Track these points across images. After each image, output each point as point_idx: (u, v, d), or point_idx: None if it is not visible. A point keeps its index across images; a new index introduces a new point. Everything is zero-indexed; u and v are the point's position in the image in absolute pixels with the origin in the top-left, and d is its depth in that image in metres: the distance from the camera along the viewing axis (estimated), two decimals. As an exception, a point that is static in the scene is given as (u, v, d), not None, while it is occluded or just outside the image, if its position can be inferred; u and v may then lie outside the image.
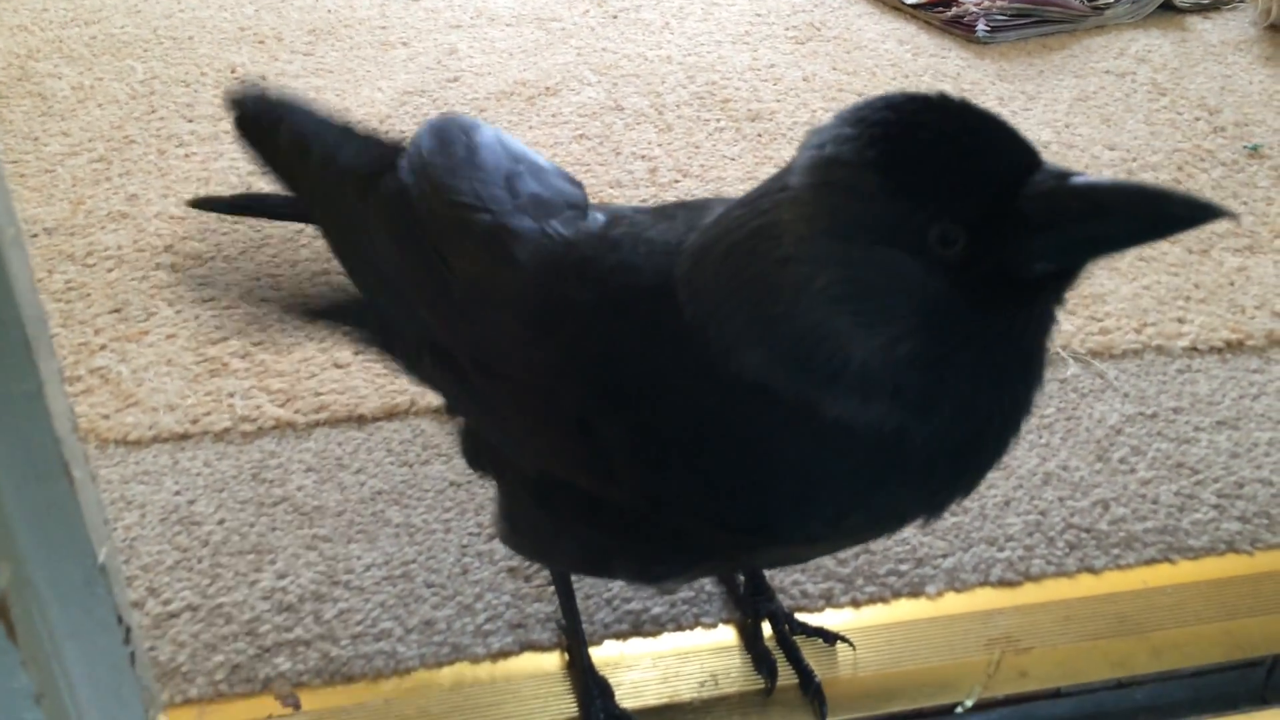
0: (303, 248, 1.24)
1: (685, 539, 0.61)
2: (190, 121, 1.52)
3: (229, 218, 1.29)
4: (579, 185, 0.72)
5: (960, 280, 0.51)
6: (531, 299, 0.64)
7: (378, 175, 0.72)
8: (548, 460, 0.66)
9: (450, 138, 0.72)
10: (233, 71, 1.66)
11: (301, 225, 1.28)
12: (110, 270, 1.20)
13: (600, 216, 0.67)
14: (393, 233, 0.71)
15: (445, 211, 0.68)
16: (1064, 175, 0.51)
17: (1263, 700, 0.82)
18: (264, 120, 0.80)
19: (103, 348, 1.09)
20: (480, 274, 0.66)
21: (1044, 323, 0.55)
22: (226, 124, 1.50)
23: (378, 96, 1.58)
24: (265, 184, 0.87)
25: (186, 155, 1.43)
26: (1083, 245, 0.52)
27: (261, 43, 1.76)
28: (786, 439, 0.54)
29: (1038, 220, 0.50)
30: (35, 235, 1.26)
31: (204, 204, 0.93)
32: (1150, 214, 0.50)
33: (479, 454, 0.74)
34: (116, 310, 1.14)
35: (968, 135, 0.51)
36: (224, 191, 1.35)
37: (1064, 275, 0.53)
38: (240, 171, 1.39)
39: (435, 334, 0.70)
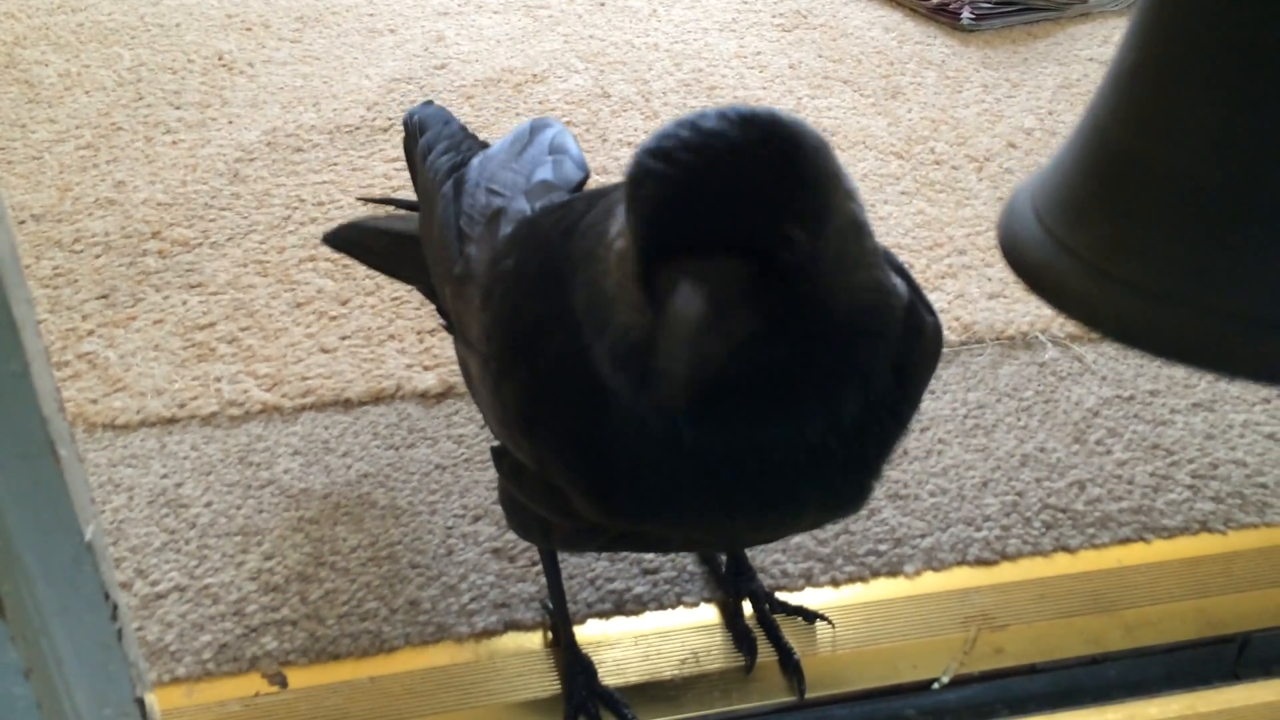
0: (289, 234, 1.25)
1: (569, 515, 0.63)
2: (177, 109, 1.52)
3: (215, 204, 1.30)
4: (587, 173, 0.77)
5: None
6: (488, 269, 0.68)
7: (460, 167, 0.82)
8: (492, 426, 0.70)
9: (519, 135, 0.83)
10: (219, 59, 1.66)
11: (289, 213, 1.30)
12: (98, 256, 1.21)
13: (573, 198, 0.71)
14: (436, 214, 0.80)
15: (483, 199, 0.76)
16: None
17: (1234, 676, 0.84)
18: (411, 130, 0.93)
19: (90, 333, 1.10)
20: (480, 250, 0.71)
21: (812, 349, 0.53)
22: (214, 111, 1.51)
23: (365, 84, 1.59)
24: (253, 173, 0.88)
25: (174, 142, 1.43)
26: None
27: (249, 30, 1.76)
28: (619, 420, 0.55)
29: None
30: (23, 222, 1.26)
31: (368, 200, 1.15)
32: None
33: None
34: (104, 296, 1.15)
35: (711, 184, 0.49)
36: (211, 179, 1.35)
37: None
38: (228, 159, 1.39)
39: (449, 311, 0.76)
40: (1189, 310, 0.44)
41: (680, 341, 0.46)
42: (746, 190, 0.48)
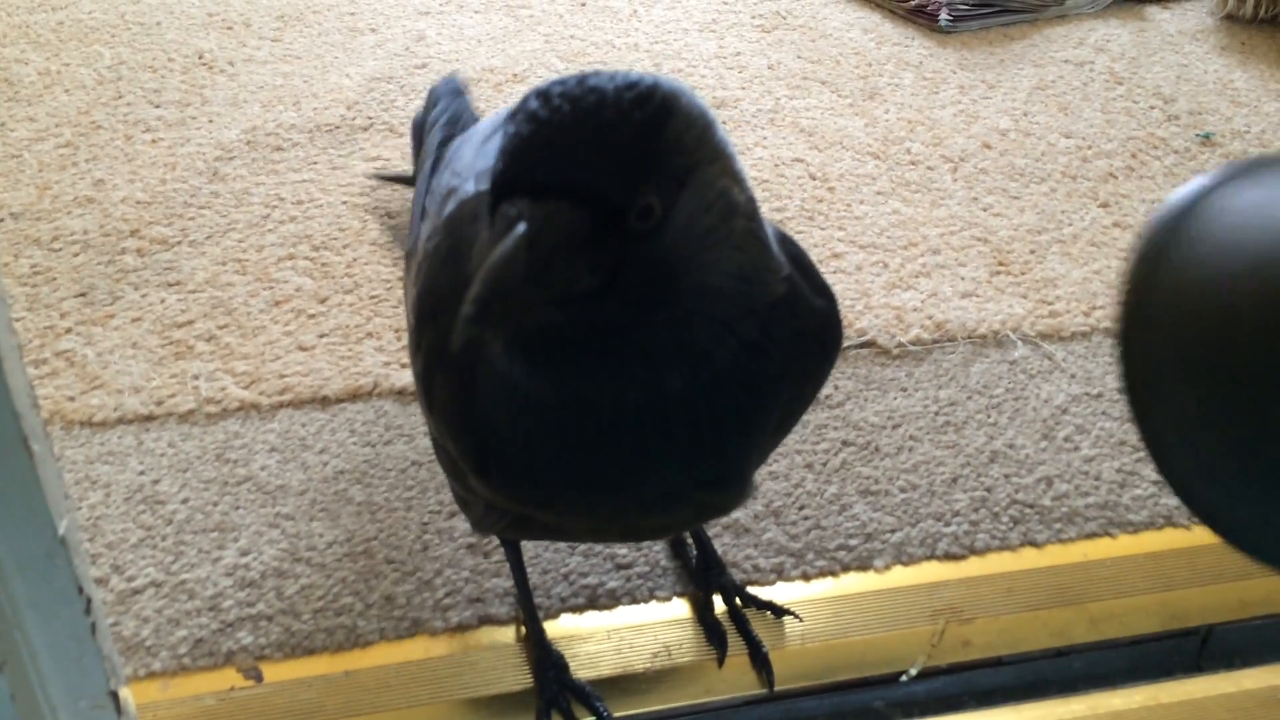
0: (268, 233, 1.25)
1: (470, 490, 0.64)
2: (157, 107, 1.52)
3: (195, 203, 1.30)
4: None
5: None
6: (422, 248, 0.71)
7: (448, 143, 0.85)
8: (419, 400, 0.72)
9: (496, 121, 0.82)
10: (200, 58, 1.66)
11: (268, 212, 1.30)
12: (76, 255, 1.21)
13: None
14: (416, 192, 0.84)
15: (446, 179, 0.77)
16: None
17: (1197, 668, 0.85)
18: (430, 103, 0.96)
19: (68, 331, 1.10)
20: (424, 228, 0.74)
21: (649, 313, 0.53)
22: (194, 109, 1.51)
23: (346, 83, 1.59)
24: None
25: (154, 141, 1.44)
26: None
27: (229, 28, 1.77)
28: (484, 385, 0.57)
29: None
30: (1, 220, 1.26)
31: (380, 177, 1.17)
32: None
33: None
34: (82, 294, 1.15)
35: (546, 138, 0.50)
36: (191, 177, 1.35)
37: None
38: (207, 158, 1.39)
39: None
40: None
41: (483, 271, 0.46)
42: (605, 144, 0.49)
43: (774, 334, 0.56)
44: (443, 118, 0.92)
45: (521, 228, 0.47)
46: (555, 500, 0.58)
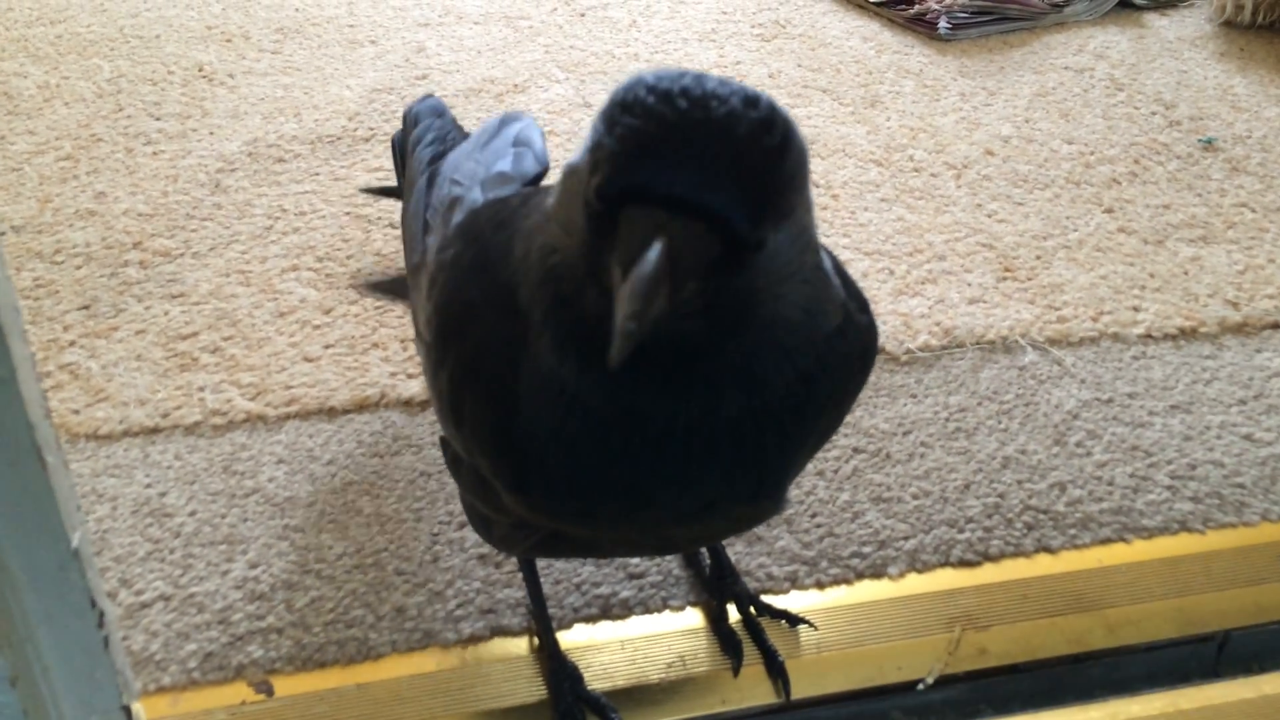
0: (271, 244, 1.25)
1: (500, 509, 0.63)
2: (158, 120, 1.52)
3: (197, 215, 1.30)
4: (546, 167, 0.78)
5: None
6: (436, 257, 0.69)
7: (439, 159, 0.84)
8: (439, 417, 0.70)
9: (488, 127, 0.84)
10: (200, 70, 1.66)
11: (270, 223, 1.30)
12: (79, 267, 1.21)
13: (525, 190, 0.73)
14: (410, 205, 0.82)
15: (448, 189, 0.77)
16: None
17: (1215, 674, 0.85)
18: (407, 123, 0.95)
19: (72, 344, 1.09)
20: (432, 239, 0.73)
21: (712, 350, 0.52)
22: (194, 122, 1.51)
23: (346, 94, 1.59)
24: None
25: (154, 153, 1.43)
26: None
27: (229, 41, 1.76)
28: (534, 386, 0.55)
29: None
30: (3, 234, 1.26)
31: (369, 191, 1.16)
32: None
33: None
34: (85, 307, 1.15)
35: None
36: (193, 189, 1.35)
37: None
38: (209, 170, 1.39)
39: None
40: None
41: (636, 284, 0.44)
42: (741, 170, 0.46)
43: (827, 364, 0.57)
44: (428, 135, 0.91)
45: (658, 247, 0.45)
46: (594, 511, 0.58)
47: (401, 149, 1.00)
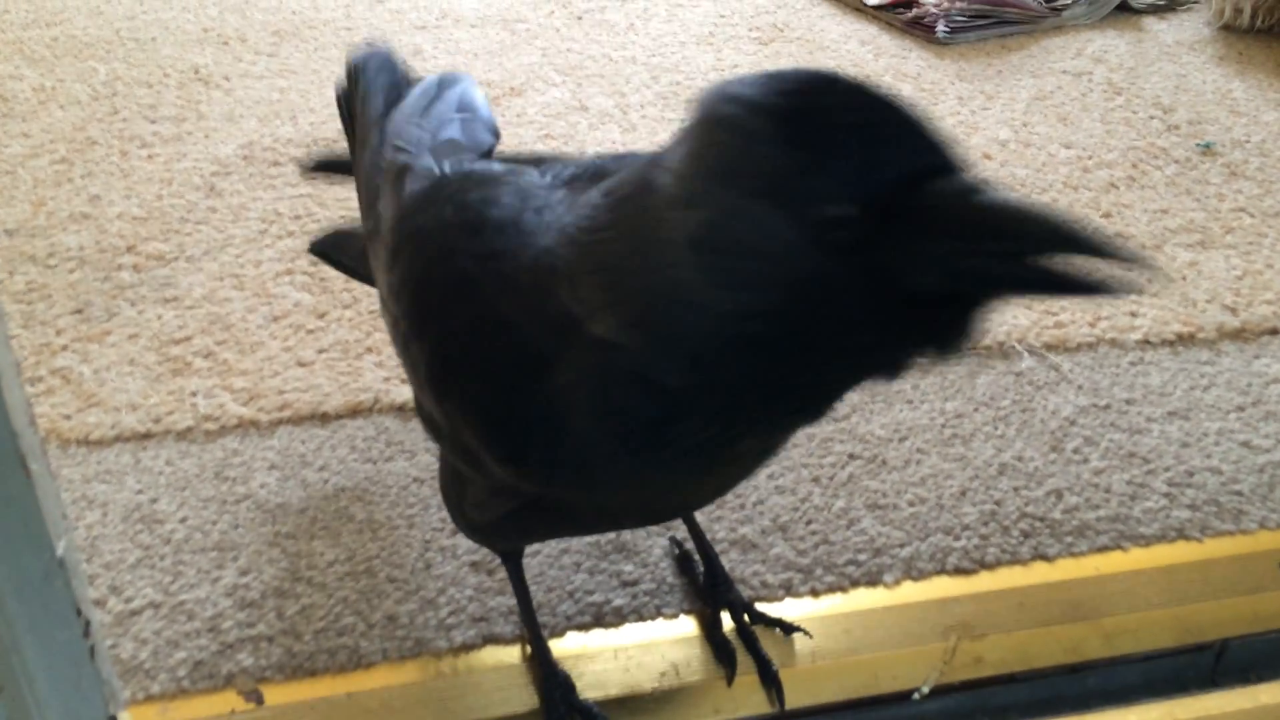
0: (266, 248, 1.24)
1: (482, 473, 0.63)
2: (153, 123, 1.51)
3: (191, 218, 1.29)
4: (498, 136, 0.77)
5: (840, 267, 0.45)
6: (396, 227, 0.68)
7: (385, 118, 0.80)
8: (413, 389, 0.69)
9: (426, 89, 0.80)
10: (195, 73, 1.66)
11: (265, 227, 1.29)
12: (72, 271, 1.20)
13: (496, 164, 0.70)
14: (363, 169, 0.79)
15: (391, 155, 0.74)
16: (978, 187, 0.45)
17: (1212, 683, 0.84)
18: (351, 76, 0.88)
19: (64, 348, 1.09)
20: (385, 208, 0.71)
21: (885, 365, 0.49)
22: (189, 125, 1.50)
23: (342, 97, 1.58)
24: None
25: (149, 156, 1.43)
26: (973, 269, 0.44)
27: (225, 44, 1.76)
28: (573, 385, 0.53)
29: (937, 225, 0.44)
30: (-5, 237, 1.25)
31: (317, 166, 1.00)
32: (1062, 243, 0.43)
33: None
34: (78, 311, 1.14)
35: (884, 111, 0.46)
36: (187, 193, 1.34)
37: (945, 309, 0.47)
38: (204, 173, 1.38)
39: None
40: None
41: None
42: (921, 125, 0.47)
43: None
44: (377, 83, 0.85)
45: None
46: (592, 484, 0.57)
47: (349, 104, 0.90)
